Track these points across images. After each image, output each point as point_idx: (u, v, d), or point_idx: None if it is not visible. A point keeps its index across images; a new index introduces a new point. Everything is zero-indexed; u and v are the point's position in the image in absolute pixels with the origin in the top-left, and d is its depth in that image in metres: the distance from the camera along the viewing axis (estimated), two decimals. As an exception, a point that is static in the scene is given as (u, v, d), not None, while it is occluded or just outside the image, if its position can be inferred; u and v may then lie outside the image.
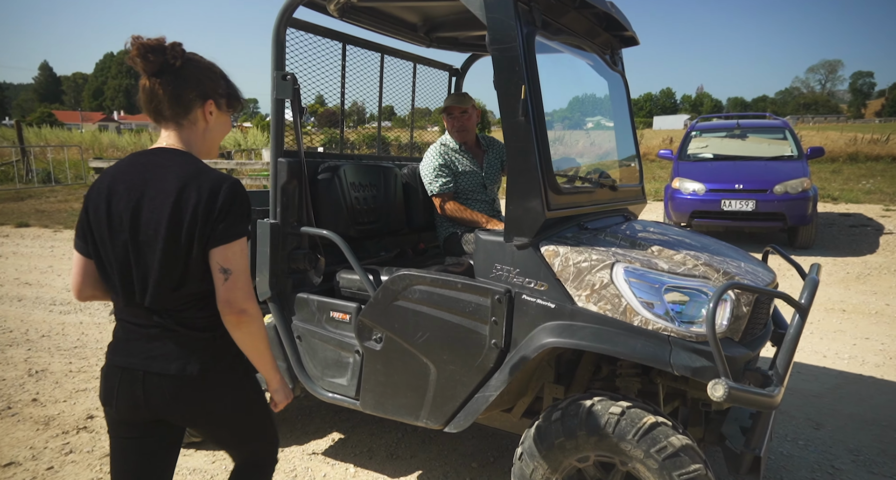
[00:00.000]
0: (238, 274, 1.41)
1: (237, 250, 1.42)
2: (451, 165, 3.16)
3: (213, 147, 1.60)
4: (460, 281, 2.17)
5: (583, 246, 2.09)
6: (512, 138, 2.10)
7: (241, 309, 1.40)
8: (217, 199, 1.40)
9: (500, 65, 2.10)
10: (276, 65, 2.52)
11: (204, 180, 1.41)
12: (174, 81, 1.47)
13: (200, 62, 1.52)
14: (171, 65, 1.46)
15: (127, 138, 29.10)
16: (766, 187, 7.47)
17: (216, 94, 1.53)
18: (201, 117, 1.52)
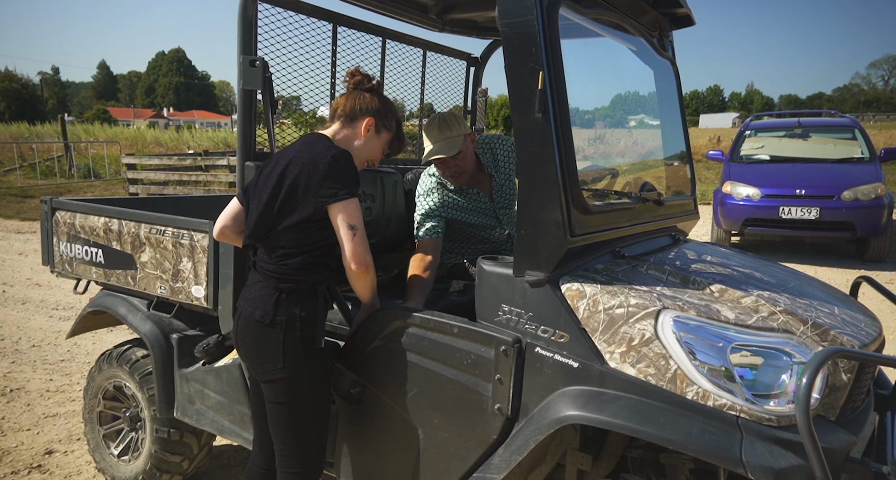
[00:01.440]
0: (363, 232, 1.70)
1: (356, 208, 1.69)
2: (451, 205, 2.41)
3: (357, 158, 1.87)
4: (457, 325, 1.67)
5: (617, 285, 1.56)
6: (525, 140, 1.59)
7: (367, 263, 1.72)
8: (318, 165, 1.67)
9: (512, 45, 1.60)
10: (243, 47, 2.07)
11: (312, 150, 1.71)
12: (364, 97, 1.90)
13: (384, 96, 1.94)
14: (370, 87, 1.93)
15: (169, 134, 29.56)
16: (833, 193, 6.68)
17: (383, 121, 1.90)
18: (360, 128, 1.87)
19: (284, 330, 1.72)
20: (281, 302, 1.72)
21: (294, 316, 1.72)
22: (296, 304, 1.73)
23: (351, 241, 1.68)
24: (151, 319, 2.41)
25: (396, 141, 1.94)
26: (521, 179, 1.61)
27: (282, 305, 1.72)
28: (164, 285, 2.35)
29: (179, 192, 11.54)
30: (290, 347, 1.72)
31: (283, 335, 1.71)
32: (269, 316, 1.72)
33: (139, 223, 2.39)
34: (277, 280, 1.73)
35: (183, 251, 2.27)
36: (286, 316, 1.72)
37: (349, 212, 1.67)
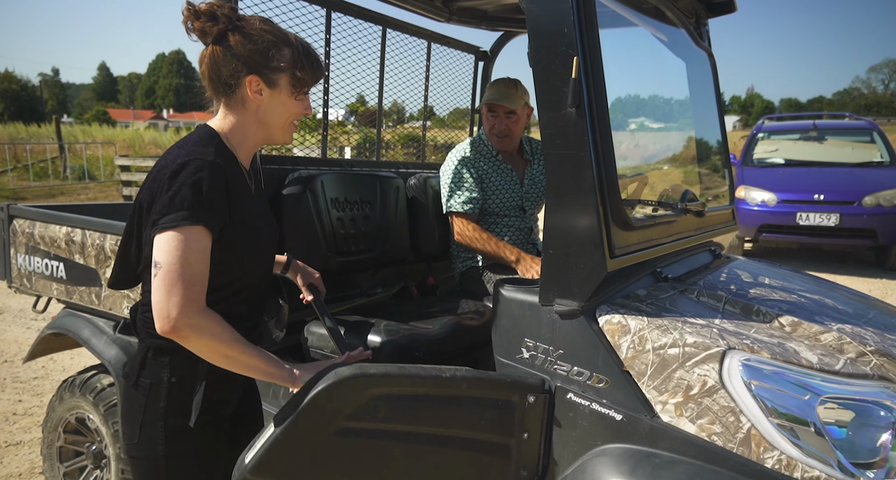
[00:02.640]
0: (166, 273, 1.13)
1: (178, 241, 1.14)
2: (482, 177, 2.37)
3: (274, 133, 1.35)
4: (466, 377, 1.29)
5: (668, 317, 1.27)
6: (554, 140, 1.30)
7: (165, 315, 1.13)
8: (161, 180, 1.18)
9: (539, 26, 1.31)
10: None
11: (167, 156, 1.23)
12: (215, 52, 1.27)
13: (252, 27, 1.27)
14: (214, 32, 1.25)
15: (168, 136, 29.25)
16: (853, 199, 6.40)
17: (266, 69, 1.27)
18: (249, 96, 1.29)
19: (147, 397, 1.29)
20: (147, 362, 1.30)
21: (160, 381, 1.29)
22: (165, 366, 1.29)
23: (156, 285, 1.14)
24: (117, 343, 2.12)
25: (303, 72, 1.30)
26: (549, 188, 1.33)
27: (147, 366, 1.30)
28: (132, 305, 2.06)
29: (174, 195, 11.26)
30: (149, 419, 1.29)
31: (144, 403, 1.30)
32: (133, 376, 1.32)
33: (104, 233, 2.10)
34: (146, 333, 1.30)
35: (153, 266, 1.98)
36: (150, 380, 1.29)
37: (161, 246, 1.14)
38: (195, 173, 1.17)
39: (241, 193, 1.29)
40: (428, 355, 1.86)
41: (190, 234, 1.15)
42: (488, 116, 2.39)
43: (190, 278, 1.14)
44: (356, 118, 3.60)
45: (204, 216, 1.16)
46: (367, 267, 2.32)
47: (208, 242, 1.18)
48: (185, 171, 1.17)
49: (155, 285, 1.14)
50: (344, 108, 2.82)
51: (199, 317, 1.15)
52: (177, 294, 1.12)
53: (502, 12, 2.74)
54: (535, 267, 2.16)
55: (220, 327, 1.18)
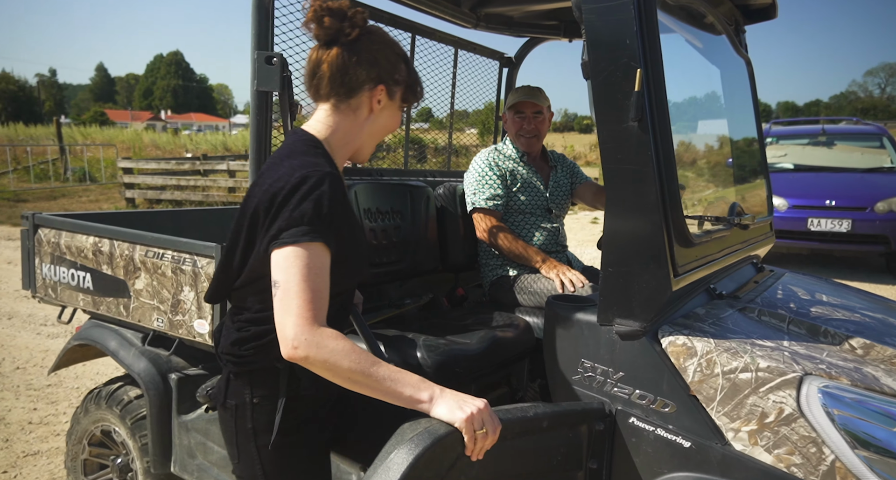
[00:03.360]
0: (288, 292, 1.09)
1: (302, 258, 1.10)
2: (507, 176, 2.37)
3: (367, 144, 1.34)
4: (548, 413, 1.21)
5: (735, 339, 1.23)
6: (614, 155, 1.27)
7: (293, 346, 1.07)
8: (277, 193, 1.14)
9: (599, 36, 1.28)
10: (258, 42, 1.75)
11: (278, 168, 1.18)
12: (343, 55, 1.24)
13: (381, 37, 1.29)
14: (346, 35, 1.23)
15: (167, 137, 29.18)
16: (866, 205, 6.37)
17: (391, 80, 1.28)
18: (366, 103, 1.28)
19: (235, 418, 1.27)
20: (230, 383, 1.28)
21: (244, 402, 1.25)
22: (246, 387, 1.25)
23: (276, 305, 1.10)
24: (146, 356, 2.08)
25: (412, 90, 1.33)
26: (609, 204, 1.29)
27: (231, 387, 1.27)
28: (162, 317, 2.02)
29: (178, 197, 11.21)
30: (241, 440, 1.27)
31: (234, 424, 1.27)
32: (221, 397, 1.29)
33: (134, 244, 2.06)
34: (223, 359, 1.28)
35: (184, 278, 1.94)
36: (235, 401, 1.26)
37: (280, 263, 1.11)
38: (316, 187, 1.13)
39: (349, 205, 1.27)
40: (466, 371, 1.82)
41: (310, 251, 1.11)
42: (515, 119, 2.42)
43: (309, 296, 1.09)
44: None
45: (324, 232, 1.13)
46: (397, 278, 2.28)
47: (328, 258, 1.14)
48: (306, 186, 1.13)
49: (276, 305, 1.10)
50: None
51: (318, 336, 1.07)
52: (293, 313, 1.08)
53: (528, 19, 2.71)
54: (558, 268, 2.16)
55: (344, 345, 1.08)
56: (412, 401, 1.10)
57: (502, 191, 2.33)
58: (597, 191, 2.55)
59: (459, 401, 1.10)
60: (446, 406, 1.09)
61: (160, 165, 12.07)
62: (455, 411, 1.08)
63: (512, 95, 2.47)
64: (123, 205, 11.60)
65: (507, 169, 2.37)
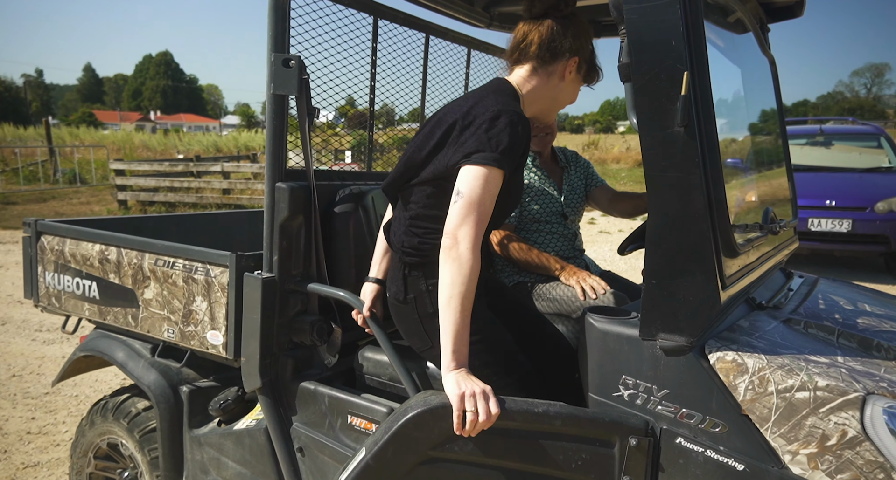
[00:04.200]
0: (467, 203, 1.30)
1: (485, 180, 1.31)
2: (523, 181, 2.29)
3: (551, 108, 1.58)
4: (561, 413, 1.27)
5: (786, 355, 1.18)
6: (659, 162, 1.22)
7: (452, 235, 1.29)
8: (477, 116, 1.36)
9: (642, 37, 1.23)
10: (275, 43, 1.68)
11: (481, 103, 1.39)
12: (555, 27, 1.48)
13: (584, 21, 1.53)
14: (560, 10, 1.50)
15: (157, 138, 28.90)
16: (866, 205, 6.38)
17: (584, 55, 1.53)
18: (560, 71, 1.52)
19: (416, 308, 1.50)
20: (408, 278, 1.51)
21: (421, 291, 1.49)
22: (421, 278, 1.49)
23: (455, 211, 1.31)
24: (156, 367, 2.01)
25: (594, 69, 1.59)
26: (652, 214, 1.24)
27: (409, 281, 1.51)
28: (173, 328, 1.95)
29: (171, 199, 11.07)
30: (427, 324, 1.49)
31: (417, 313, 1.50)
32: (402, 293, 1.52)
33: (142, 252, 1.99)
34: (402, 252, 1.51)
35: (196, 288, 1.87)
36: (414, 294, 1.50)
37: (468, 178, 1.31)
38: (514, 124, 1.34)
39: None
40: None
41: (494, 175, 1.32)
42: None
43: (482, 214, 1.30)
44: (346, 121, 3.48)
45: (508, 163, 1.33)
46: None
47: (499, 188, 1.34)
48: (504, 118, 1.34)
49: (453, 210, 1.30)
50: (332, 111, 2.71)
51: (471, 253, 1.27)
52: (468, 224, 1.28)
53: (543, 19, 2.65)
54: (578, 275, 2.09)
55: (474, 281, 1.27)
56: (447, 355, 1.26)
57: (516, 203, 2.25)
58: (613, 197, 2.49)
59: (462, 380, 1.23)
60: (453, 380, 1.24)
61: (152, 167, 11.92)
62: (453, 387, 1.23)
63: None
64: (115, 207, 11.46)
65: (526, 173, 2.30)
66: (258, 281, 1.72)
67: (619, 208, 2.47)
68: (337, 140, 2.59)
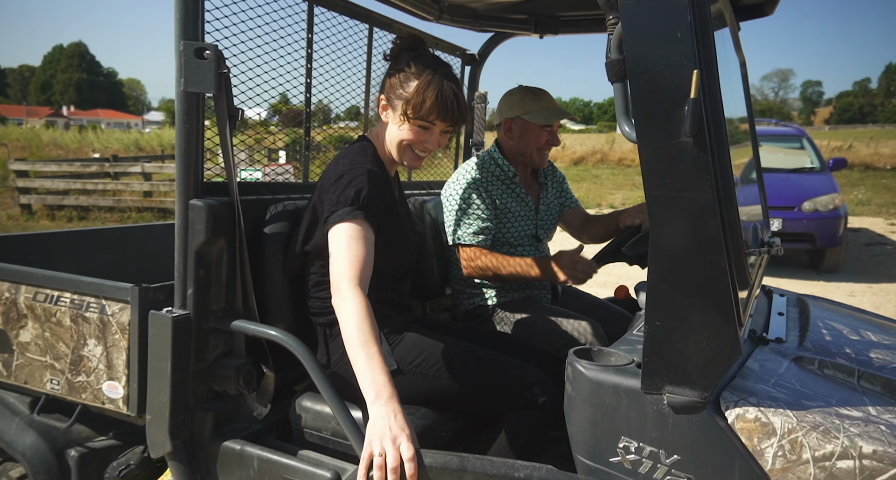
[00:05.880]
0: (337, 258, 1.37)
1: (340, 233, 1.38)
2: (496, 202, 2.03)
3: (392, 151, 1.55)
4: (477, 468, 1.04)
5: (814, 408, 0.99)
6: (662, 178, 1.01)
7: (335, 286, 1.36)
8: (328, 182, 1.45)
9: (641, 28, 1.01)
10: (185, 29, 1.36)
11: (332, 167, 1.51)
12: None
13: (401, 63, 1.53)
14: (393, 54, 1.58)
15: (71, 135, 26.79)
16: (793, 204, 6.58)
17: (393, 93, 1.51)
18: (383, 111, 1.56)
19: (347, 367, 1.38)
20: (329, 339, 1.55)
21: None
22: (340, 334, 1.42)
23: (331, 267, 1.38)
24: (35, 427, 1.63)
25: (414, 107, 1.45)
26: (655, 241, 1.02)
27: (330, 342, 1.54)
28: (58, 378, 1.58)
29: (84, 203, 10.16)
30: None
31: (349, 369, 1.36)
32: (325, 358, 1.55)
33: (17, 284, 1.60)
34: (314, 316, 1.56)
35: (88, 329, 1.52)
36: (340, 351, 1.47)
37: (333, 238, 1.39)
38: (356, 178, 1.42)
39: (391, 198, 1.55)
40: (455, 432, 1.52)
41: (354, 225, 1.38)
42: (541, 132, 2.05)
43: (354, 259, 1.35)
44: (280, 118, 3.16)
45: (364, 210, 1.39)
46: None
47: (370, 232, 1.41)
48: (347, 176, 1.43)
49: (331, 267, 1.37)
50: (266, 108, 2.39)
51: (354, 290, 1.32)
52: (344, 272, 1.34)
53: (495, 11, 2.43)
54: (561, 267, 1.80)
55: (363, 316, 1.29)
56: (364, 392, 1.23)
57: (491, 222, 1.98)
58: (584, 221, 2.29)
59: (381, 419, 1.17)
60: (376, 414, 1.19)
61: (61, 167, 10.91)
62: (371, 426, 1.18)
63: (532, 103, 2.05)
64: (17, 213, 10.40)
65: (494, 194, 2.02)
66: (168, 321, 1.39)
67: (589, 232, 2.28)
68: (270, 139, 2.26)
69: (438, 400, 1.50)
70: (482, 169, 2.06)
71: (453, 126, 1.51)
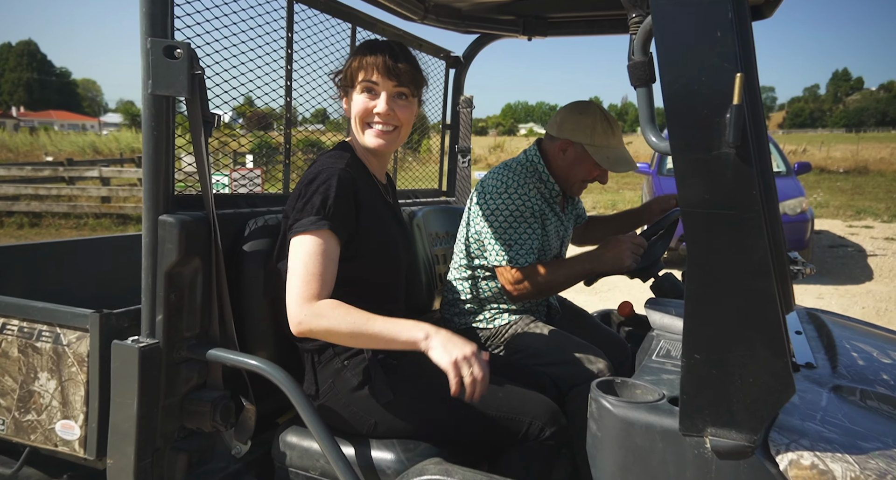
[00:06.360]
0: (293, 274, 1.24)
1: (300, 245, 1.25)
2: (544, 221, 1.85)
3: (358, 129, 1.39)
4: None
5: (872, 450, 0.90)
6: (699, 194, 0.91)
7: (297, 322, 1.23)
8: (299, 188, 1.32)
9: (676, 26, 0.91)
10: (152, 25, 1.21)
11: (307, 172, 1.36)
12: None
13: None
14: None
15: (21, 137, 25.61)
16: (764, 209, 6.67)
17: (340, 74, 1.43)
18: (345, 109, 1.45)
19: (338, 394, 1.36)
20: (317, 366, 1.39)
21: (337, 371, 1.37)
22: (332, 359, 1.37)
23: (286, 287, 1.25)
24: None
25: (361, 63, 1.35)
26: (693, 266, 0.92)
27: (319, 370, 1.39)
28: (3, 417, 1.40)
29: (36, 209, 9.66)
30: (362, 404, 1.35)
31: (341, 400, 1.36)
32: (313, 388, 1.38)
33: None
34: (299, 342, 1.40)
35: (40, 361, 1.34)
36: (331, 379, 1.37)
37: (293, 250, 1.26)
38: (325, 182, 1.28)
39: (373, 203, 1.38)
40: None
41: (315, 237, 1.24)
42: (594, 168, 1.84)
43: (307, 276, 1.22)
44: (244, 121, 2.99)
45: (330, 221, 1.25)
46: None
47: (334, 245, 1.26)
48: (316, 180, 1.28)
49: (287, 283, 1.24)
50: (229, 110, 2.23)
51: (315, 308, 1.20)
52: (293, 293, 1.22)
53: (481, 12, 2.32)
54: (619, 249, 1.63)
55: (339, 310, 1.21)
56: (410, 343, 1.19)
57: (539, 241, 1.80)
58: (584, 227, 2.19)
59: (448, 344, 1.18)
60: (440, 345, 1.17)
61: (10, 172, 10.37)
62: (443, 355, 1.17)
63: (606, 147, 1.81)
64: (-36, 220, 9.81)
65: (543, 212, 1.83)
66: (134, 351, 1.23)
67: (590, 237, 2.18)
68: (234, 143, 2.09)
69: (439, 434, 1.37)
70: (527, 179, 1.82)
71: (399, 81, 1.33)
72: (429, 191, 2.57)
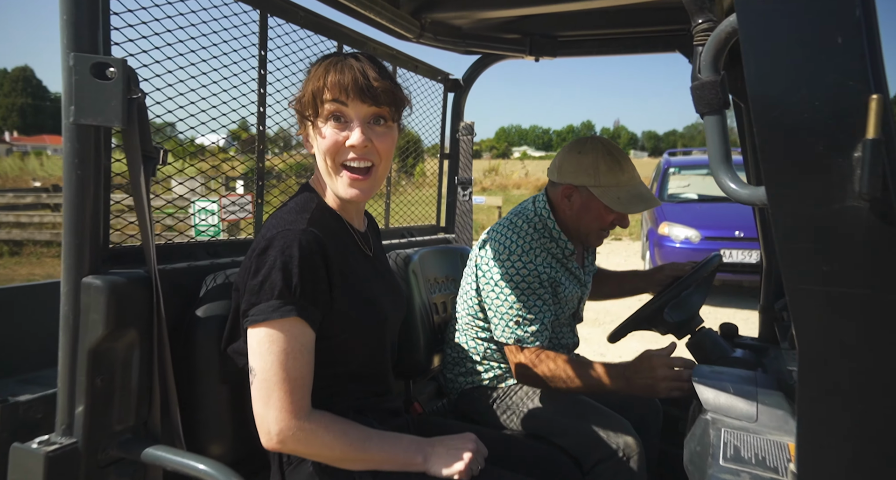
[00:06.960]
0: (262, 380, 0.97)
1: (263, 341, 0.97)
2: (555, 285, 1.59)
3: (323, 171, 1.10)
4: None
5: None
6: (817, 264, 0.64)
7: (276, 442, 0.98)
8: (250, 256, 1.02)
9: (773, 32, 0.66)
10: (76, 37, 0.95)
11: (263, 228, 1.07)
12: None
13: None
14: None
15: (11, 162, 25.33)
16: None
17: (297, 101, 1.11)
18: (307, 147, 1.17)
19: None
20: (285, 468, 1.10)
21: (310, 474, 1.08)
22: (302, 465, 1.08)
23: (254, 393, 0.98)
24: None
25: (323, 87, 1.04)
26: (803, 360, 0.65)
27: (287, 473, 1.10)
28: None
29: (17, 237, 9.32)
30: None
31: None
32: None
33: None
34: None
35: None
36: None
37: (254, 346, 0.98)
38: (284, 251, 0.99)
39: (349, 265, 1.10)
40: None
41: (285, 329, 0.97)
42: (607, 213, 1.58)
43: (289, 384, 0.97)
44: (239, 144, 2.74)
45: (299, 305, 0.98)
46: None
47: (309, 335, 1.00)
48: (273, 249, 0.99)
49: (252, 394, 0.98)
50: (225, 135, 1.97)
51: (305, 429, 0.98)
52: (274, 406, 0.97)
53: (484, 30, 2.09)
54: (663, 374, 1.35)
55: (332, 433, 1.01)
56: (406, 466, 1.05)
57: (551, 314, 1.56)
58: (596, 280, 1.93)
59: (451, 450, 1.08)
60: (442, 461, 1.06)
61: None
62: (451, 465, 1.06)
63: (614, 186, 1.56)
64: (-59, 248, 9.46)
65: (554, 273, 1.58)
66: (39, 458, 0.94)
67: (602, 291, 1.92)
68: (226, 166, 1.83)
69: None
70: (535, 242, 1.58)
71: (376, 102, 1.04)
72: (426, 227, 2.30)
